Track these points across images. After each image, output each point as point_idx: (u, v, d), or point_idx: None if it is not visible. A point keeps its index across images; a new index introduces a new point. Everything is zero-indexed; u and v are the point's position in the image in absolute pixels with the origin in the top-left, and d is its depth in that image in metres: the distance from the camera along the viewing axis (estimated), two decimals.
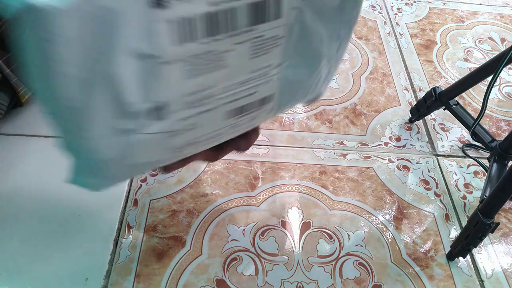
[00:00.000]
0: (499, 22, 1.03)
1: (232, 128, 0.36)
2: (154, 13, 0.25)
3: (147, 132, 0.30)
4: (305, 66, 0.35)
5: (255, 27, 0.29)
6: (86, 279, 0.52)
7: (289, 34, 0.31)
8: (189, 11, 0.26)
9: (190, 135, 0.33)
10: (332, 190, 0.65)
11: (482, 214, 0.51)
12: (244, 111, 0.35)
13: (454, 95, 0.67)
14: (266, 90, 0.34)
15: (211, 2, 0.26)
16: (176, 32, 0.26)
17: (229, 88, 0.32)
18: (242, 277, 0.54)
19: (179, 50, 0.27)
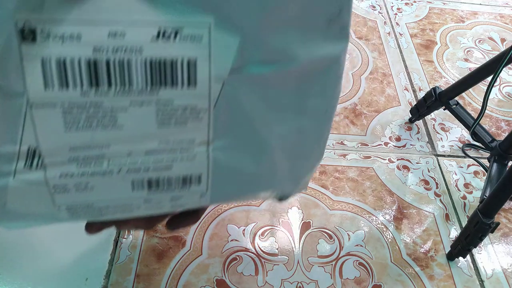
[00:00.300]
0: (499, 22, 1.03)
1: (147, 203, 0.31)
2: (26, 47, 0.22)
3: (23, 179, 0.27)
4: (245, 153, 0.30)
5: (158, 90, 0.25)
6: (86, 279, 0.52)
7: (216, 111, 0.26)
8: (69, 52, 0.22)
9: (82, 196, 0.29)
10: (332, 190, 0.65)
11: (482, 214, 0.51)
12: (157, 186, 0.30)
13: (454, 95, 0.67)
14: (187, 168, 0.29)
15: (98, 47, 0.23)
16: (50, 73, 0.23)
17: (130, 154, 0.27)
18: (242, 277, 0.54)
19: (54, 95, 0.23)
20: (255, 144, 0.30)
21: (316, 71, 0.28)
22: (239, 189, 0.33)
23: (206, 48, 0.24)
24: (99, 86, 0.24)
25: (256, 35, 0.24)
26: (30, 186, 0.27)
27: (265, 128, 0.29)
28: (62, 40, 0.22)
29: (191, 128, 0.27)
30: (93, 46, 0.22)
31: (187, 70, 0.24)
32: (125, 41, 0.23)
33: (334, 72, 0.29)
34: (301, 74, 0.27)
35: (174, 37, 0.23)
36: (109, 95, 0.24)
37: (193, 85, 0.25)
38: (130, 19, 0.22)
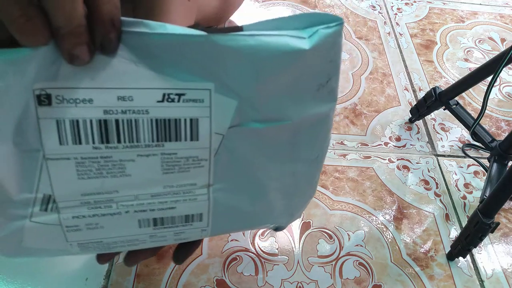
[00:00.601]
0: (499, 22, 1.03)
1: (152, 238, 0.33)
2: (42, 111, 0.24)
3: (37, 221, 0.29)
4: (244, 194, 0.33)
5: (163, 144, 0.27)
6: (86, 279, 0.52)
7: (216, 158, 0.29)
8: (82, 114, 0.25)
9: (93, 234, 0.31)
10: (332, 190, 0.65)
11: (482, 214, 0.51)
12: (162, 223, 0.32)
13: (454, 95, 0.67)
14: (189, 208, 0.32)
15: (108, 110, 0.25)
16: (64, 132, 0.25)
17: (137, 197, 0.30)
18: (242, 277, 0.54)
19: (68, 150, 0.26)
20: (253, 186, 0.32)
21: (307, 126, 0.31)
22: (237, 224, 0.35)
23: (207, 108, 0.27)
24: (109, 142, 0.26)
25: (252, 99, 0.27)
26: (44, 227, 0.29)
27: (261, 173, 0.32)
28: (75, 104, 0.24)
29: (193, 174, 0.29)
30: (104, 109, 0.25)
31: (190, 127, 0.27)
32: (133, 104, 0.25)
33: (324, 126, 0.32)
34: (293, 130, 0.30)
35: (178, 100, 0.26)
36: (118, 149, 0.27)
37: (195, 139, 0.28)
38: (137, 85, 0.25)
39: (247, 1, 0.97)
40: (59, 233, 0.30)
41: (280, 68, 0.26)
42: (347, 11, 1.00)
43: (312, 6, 0.99)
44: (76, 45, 0.22)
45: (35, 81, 0.23)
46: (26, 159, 0.26)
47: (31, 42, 0.21)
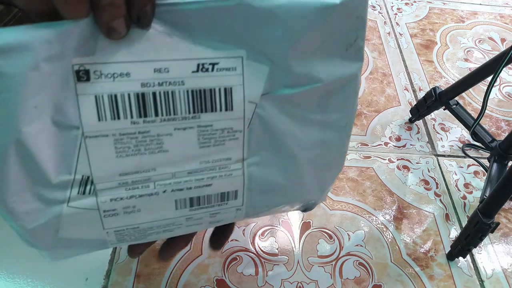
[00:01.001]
0: (499, 22, 1.03)
1: (188, 221, 0.33)
2: (81, 86, 0.24)
3: (77, 206, 0.28)
4: (277, 167, 0.32)
5: (199, 115, 0.27)
6: (86, 279, 0.52)
7: (250, 129, 0.29)
8: (120, 88, 0.25)
9: (130, 219, 0.31)
10: (332, 190, 0.65)
11: (482, 214, 0.51)
12: (199, 203, 0.32)
13: (454, 95, 0.67)
14: (225, 184, 0.31)
15: (145, 82, 0.25)
16: (103, 107, 0.25)
17: (174, 175, 0.30)
18: (242, 277, 0.54)
19: (106, 126, 0.26)
20: (285, 158, 0.32)
21: (337, 89, 0.31)
22: (271, 201, 0.35)
23: (240, 77, 0.27)
24: (147, 116, 0.26)
25: (283, 63, 0.27)
26: (82, 212, 0.29)
27: (293, 143, 0.31)
28: (113, 78, 0.25)
29: (228, 148, 0.30)
30: (141, 82, 0.25)
31: (224, 96, 0.27)
32: (169, 76, 0.25)
33: (352, 88, 0.32)
34: (324, 92, 0.30)
35: (212, 69, 0.26)
36: (156, 123, 0.27)
37: (230, 109, 0.28)
38: (172, 57, 0.25)
39: None
40: (96, 220, 0.30)
41: (312, 26, 0.26)
42: None
43: None
44: (114, 17, 0.22)
45: (74, 56, 0.23)
46: (65, 138, 0.26)
47: (74, 13, 0.22)
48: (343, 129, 0.34)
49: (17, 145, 0.24)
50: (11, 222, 0.28)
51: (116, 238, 0.32)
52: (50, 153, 0.25)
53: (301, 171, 0.34)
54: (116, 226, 0.31)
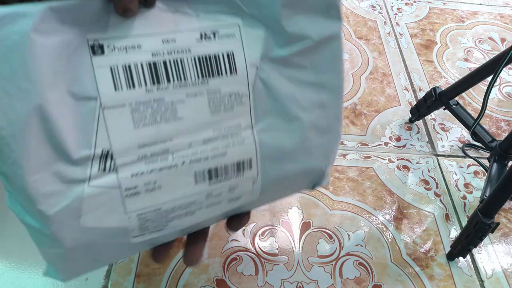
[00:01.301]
0: (499, 22, 1.03)
1: (208, 199, 0.34)
2: (96, 59, 0.26)
3: (98, 185, 0.29)
4: (284, 132, 0.34)
5: (208, 80, 0.30)
6: (86, 279, 0.52)
7: (254, 93, 0.32)
8: (132, 59, 0.27)
9: (151, 199, 0.31)
10: (332, 190, 0.65)
11: (482, 214, 0.51)
12: (216, 175, 0.33)
13: (454, 95, 0.67)
14: (239, 153, 0.33)
15: (155, 52, 0.28)
16: (118, 77, 0.27)
17: (190, 145, 0.31)
18: (242, 277, 0.54)
19: (122, 95, 0.27)
20: (290, 121, 0.34)
21: (325, 48, 0.34)
22: (282, 170, 0.36)
23: (239, 42, 0.30)
24: (160, 83, 0.28)
25: (277, 25, 0.31)
26: (103, 192, 0.29)
27: (295, 105, 0.34)
28: (126, 51, 0.27)
29: (237, 113, 0.32)
30: (151, 52, 0.28)
31: (228, 61, 0.30)
32: (176, 45, 0.28)
33: (338, 47, 0.35)
34: (315, 52, 0.33)
35: (213, 37, 0.29)
36: (169, 90, 0.29)
37: (234, 73, 0.31)
38: (177, 29, 0.28)
39: None
40: (118, 202, 0.30)
41: None
42: (347, 11, 1.00)
43: None
44: (130, 0, 0.26)
45: (89, 32, 0.26)
46: (83, 110, 0.27)
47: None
48: (336, 90, 0.36)
49: (39, 112, 0.25)
50: (29, 211, 0.28)
51: (138, 225, 0.32)
52: (70, 125, 0.26)
53: (306, 133, 0.35)
54: (138, 208, 0.31)
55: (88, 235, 0.30)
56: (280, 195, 0.40)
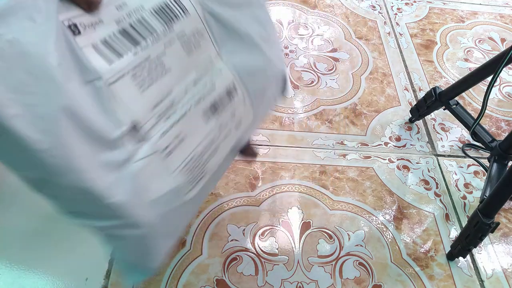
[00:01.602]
0: (499, 22, 1.03)
1: (221, 131, 0.38)
2: (78, 39, 0.28)
3: (140, 158, 0.31)
4: (243, 49, 0.39)
5: (172, 26, 0.33)
6: (86, 279, 0.52)
7: (208, 25, 0.37)
8: (103, 33, 0.29)
9: (183, 150, 0.35)
10: (332, 190, 0.65)
11: (482, 214, 0.51)
12: (218, 106, 0.38)
13: (454, 95, 0.67)
14: (223, 81, 0.38)
15: (117, 20, 0.30)
16: (103, 52, 0.29)
17: (186, 90, 0.35)
18: (242, 277, 0.54)
19: (117, 67, 0.30)
20: (244, 39, 0.39)
21: None
22: (258, 83, 0.42)
23: None
24: (139, 43, 0.31)
25: None
26: (147, 163, 0.32)
27: (240, 24, 0.38)
28: (94, 28, 0.29)
29: (204, 48, 0.36)
30: (114, 20, 0.30)
31: (177, 4, 0.34)
32: (129, 7, 0.31)
33: None
34: None
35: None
36: (149, 46, 0.32)
37: (187, 13, 0.35)
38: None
39: None
40: (161, 166, 0.33)
41: None
42: (347, 11, 1.00)
43: (312, 6, 0.99)
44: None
45: (60, 13, 0.27)
46: (95, 92, 0.28)
47: None
48: (258, 3, 0.41)
49: (66, 110, 0.26)
50: (99, 212, 0.30)
51: (184, 179, 0.35)
52: (93, 112, 0.28)
53: (260, 45, 0.40)
54: (178, 164, 0.35)
55: (156, 208, 0.33)
56: (266, 108, 0.46)
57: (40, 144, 0.25)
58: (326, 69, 0.84)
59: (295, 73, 0.82)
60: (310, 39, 0.90)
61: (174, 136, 0.34)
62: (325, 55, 0.87)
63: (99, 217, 0.30)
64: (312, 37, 0.91)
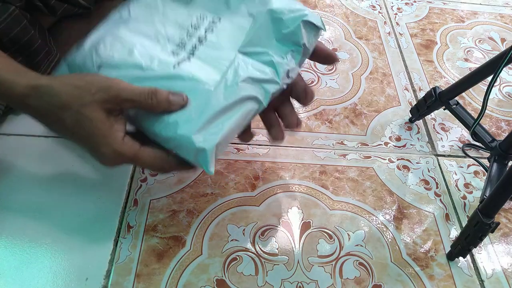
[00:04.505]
0: (499, 22, 1.03)
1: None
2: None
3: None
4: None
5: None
6: (86, 279, 0.52)
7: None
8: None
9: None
10: (332, 190, 0.65)
11: (482, 214, 0.51)
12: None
13: (454, 95, 0.67)
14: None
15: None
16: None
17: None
18: (242, 277, 0.54)
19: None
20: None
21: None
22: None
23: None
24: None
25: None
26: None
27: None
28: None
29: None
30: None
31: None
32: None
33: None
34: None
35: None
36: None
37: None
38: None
39: None
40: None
41: None
42: (347, 11, 1.00)
43: (312, 6, 0.99)
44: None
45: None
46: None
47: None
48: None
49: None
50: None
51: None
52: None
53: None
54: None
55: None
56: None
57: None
58: (326, 69, 0.84)
59: None
60: None
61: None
62: None
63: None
64: None
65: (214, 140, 0.41)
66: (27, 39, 0.59)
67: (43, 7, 0.60)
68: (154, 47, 0.45)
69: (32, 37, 0.59)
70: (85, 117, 0.39)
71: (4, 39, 0.57)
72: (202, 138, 0.41)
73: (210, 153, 0.41)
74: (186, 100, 0.42)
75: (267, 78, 0.45)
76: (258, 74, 0.44)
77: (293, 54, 0.47)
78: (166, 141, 0.43)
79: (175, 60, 0.44)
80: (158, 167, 0.44)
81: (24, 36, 0.58)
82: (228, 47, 0.46)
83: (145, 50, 0.45)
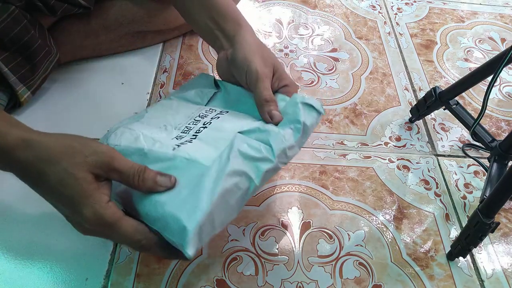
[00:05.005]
0: (499, 22, 1.03)
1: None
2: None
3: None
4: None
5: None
6: (86, 279, 0.52)
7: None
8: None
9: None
10: (332, 190, 0.65)
11: (482, 214, 0.51)
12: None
13: (454, 95, 0.67)
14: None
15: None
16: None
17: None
18: (242, 277, 0.54)
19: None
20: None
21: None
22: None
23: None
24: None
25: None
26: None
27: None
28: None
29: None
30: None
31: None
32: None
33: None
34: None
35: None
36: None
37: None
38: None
39: (247, 1, 0.97)
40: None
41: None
42: (347, 11, 1.00)
43: (312, 6, 0.99)
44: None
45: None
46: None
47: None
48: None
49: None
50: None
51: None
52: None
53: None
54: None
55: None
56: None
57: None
58: (326, 69, 0.84)
59: (295, 73, 0.82)
60: (310, 39, 0.90)
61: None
62: (325, 55, 0.87)
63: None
64: (312, 37, 0.91)
65: (196, 217, 0.38)
66: (27, 39, 0.59)
67: (43, 7, 0.60)
68: (159, 133, 0.48)
69: (32, 37, 0.59)
70: (71, 175, 0.38)
71: (4, 39, 0.57)
72: (186, 215, 0.39)
73: (191, 232, 0.38)
74: (174, 182, 0.41)
75: (261, 156, 0.44)
76: (251, 152, 0.43)
77: (292, 132, 0.47)
78: (153, 220, 0.40)
79: (176, 143, 0.45)
80: (136, 241, 0.40)
81: (24, 36, 0.58)
82: (231, 129, 0.46)
83: (150, 135, 0.47)
